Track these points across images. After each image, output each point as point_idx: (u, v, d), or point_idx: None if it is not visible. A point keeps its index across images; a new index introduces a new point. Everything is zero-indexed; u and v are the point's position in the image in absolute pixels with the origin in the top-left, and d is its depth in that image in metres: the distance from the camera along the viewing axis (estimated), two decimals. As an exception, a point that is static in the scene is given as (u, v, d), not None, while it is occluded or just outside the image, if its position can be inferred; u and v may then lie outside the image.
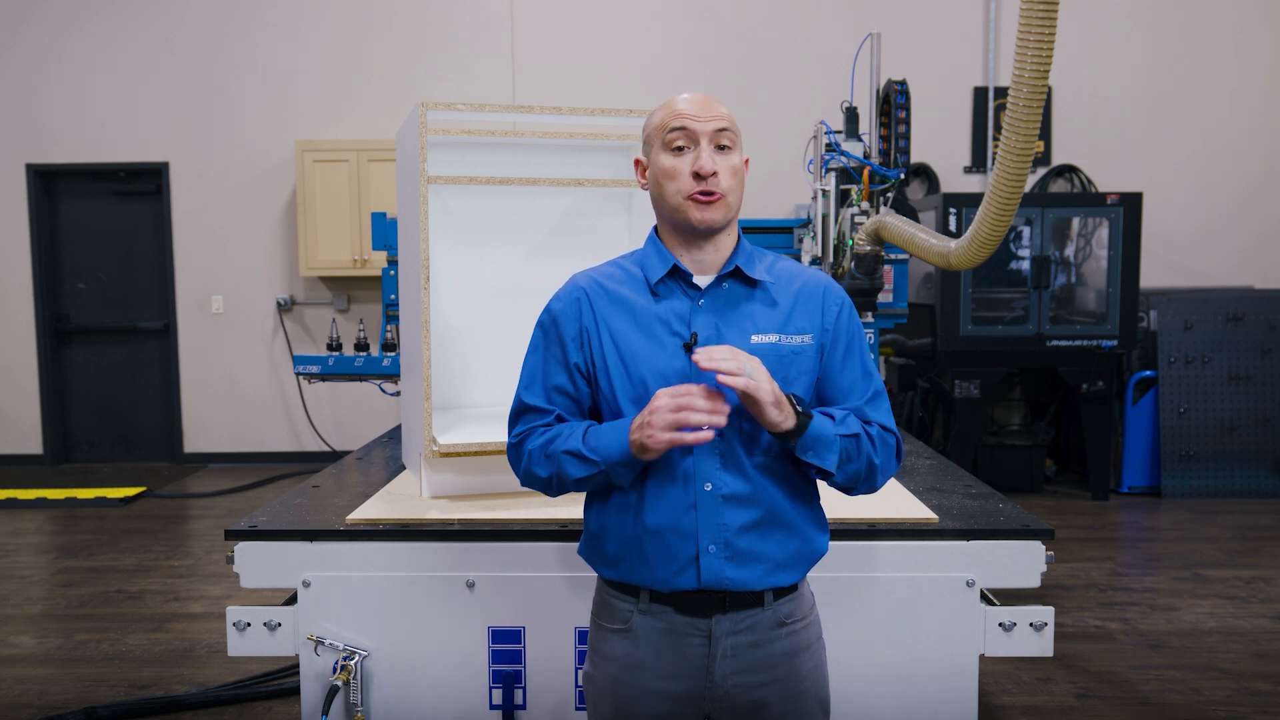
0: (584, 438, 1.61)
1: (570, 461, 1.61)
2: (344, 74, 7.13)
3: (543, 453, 1.65)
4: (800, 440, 1.56)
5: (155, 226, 7.38)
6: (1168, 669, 3.58)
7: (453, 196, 2.87)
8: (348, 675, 2.16)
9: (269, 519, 2.32)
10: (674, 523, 1.61)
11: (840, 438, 1.60)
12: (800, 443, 1.57)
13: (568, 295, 1.71)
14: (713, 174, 1.60)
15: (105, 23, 7.13)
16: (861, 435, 1.63)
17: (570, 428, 1.65)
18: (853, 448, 1.62)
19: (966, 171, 7.14)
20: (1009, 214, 2.60)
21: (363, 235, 6.77)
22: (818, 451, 1.58)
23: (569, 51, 7.10)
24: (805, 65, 6.99)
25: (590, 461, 1.59)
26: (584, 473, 1.61)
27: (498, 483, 2.48)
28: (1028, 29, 2.22)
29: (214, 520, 5.78)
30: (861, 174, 3.68)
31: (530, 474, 1.69)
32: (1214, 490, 6.19)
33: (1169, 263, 7.03)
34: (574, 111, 2.62)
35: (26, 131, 7.21)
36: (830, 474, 1.61)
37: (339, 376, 4.26)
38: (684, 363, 1.62)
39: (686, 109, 1.63)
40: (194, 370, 7.38)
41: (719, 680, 1.64)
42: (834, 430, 1.59)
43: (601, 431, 1.60)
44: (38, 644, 3.89)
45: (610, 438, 1.58)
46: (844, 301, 1.72)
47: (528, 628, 2.22)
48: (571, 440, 1.62)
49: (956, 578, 2.18)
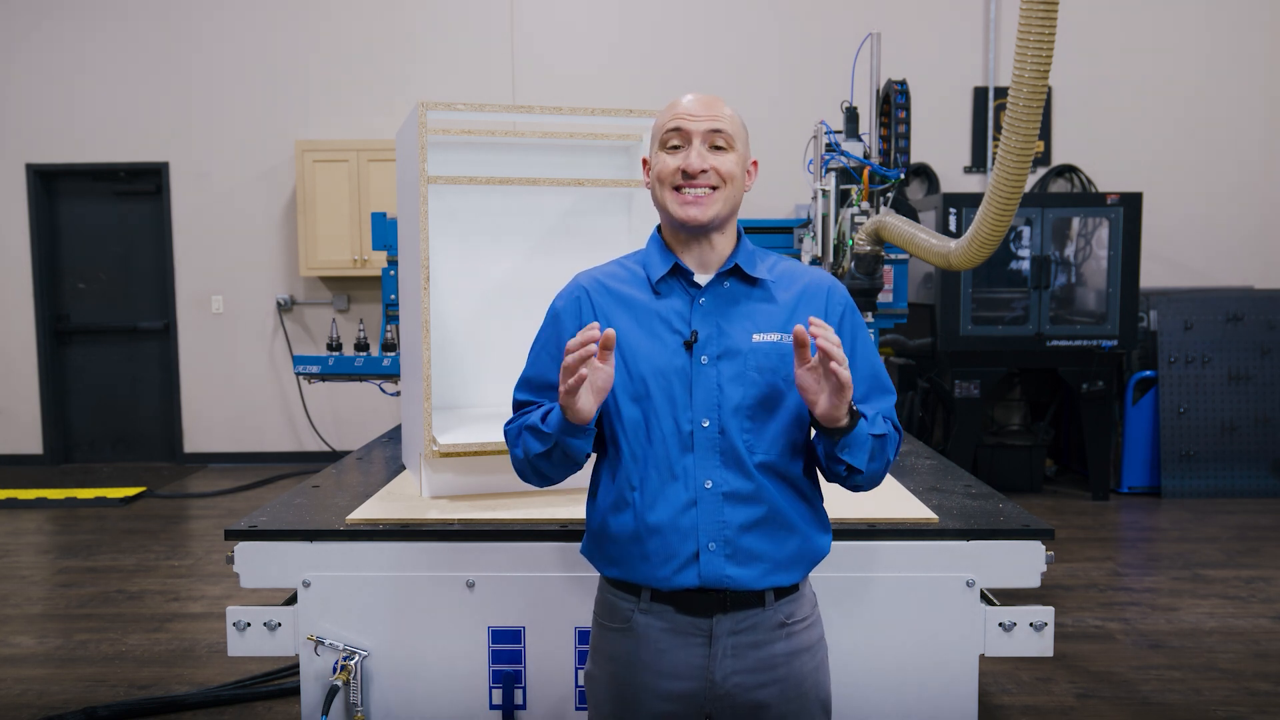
0: (543, 416, 1.63)
1: (530, 437, 1.64)
2: (344, 74, 7.13)
3: (515, 433, 1.69)
4: (845, 438, 1.57)
5: (155, 226, 7.37)
6: (1168, 669, 3.58)
7: (453, 196, 2.87)
8: (348, 675, 2.16)
9: (269, 519, 2.32)
10: (674, 521, 1.61)
11: (871, 437, 1.61)
12: (844, 440, 1.57)
13: (569, 294, 1.73)
14: (700, 171, 1.60)
15: (105, 23, 7.13)
16: (888, 436, 1.65)
17: (540, 409, 1.67)
18: (878, 448, 1.63)
19: (966, 171, 7.14)
20: (1009, 214, 2.60)
21: (363, 235, 6.77)
22: (853, 450, 1.59)
23: (569, 51, 7.10)
24: (805, 65, 6.99)
25: (544, 435, 1.61)
26: (541, 447, 1.63)
27: (498, 483, 2.48)
28: (1028, 29, 2.22)
29: (214, 520, 5.78)
30: (861, 174, 3.68)
31: (514, 459, 1.72)
32: (1214, 490, 6.18)
33: (1169, 263, 7.03)
34: (574, 111, 2.62)
35: (26, 131, 7.21)
36: (859, 471, 1.61)
37: (339, 376, 4.26)
38: (683, 360, 1.62)
39: (685, 109, 1.64)
40: (194, 370, 7.38)
41: (719, 680, 1.64)
42: (867, 429, 1.60)
43: (558, 409, 1.62)
44: (38, 644, 3.89)
45: (559, 414, 1.59)
46: (847, 301, 1.72)
47: (528, 628, 2.21)
48: (532, 417, 1.65)
49: (956, 578, 2.18)
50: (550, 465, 1.66)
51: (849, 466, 1.60)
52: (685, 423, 1.61)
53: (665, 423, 1.62)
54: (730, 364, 1.62)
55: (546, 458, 1.64)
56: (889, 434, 1.65)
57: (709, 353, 1.63)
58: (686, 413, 1.62)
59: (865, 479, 1.64)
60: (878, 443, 1.62)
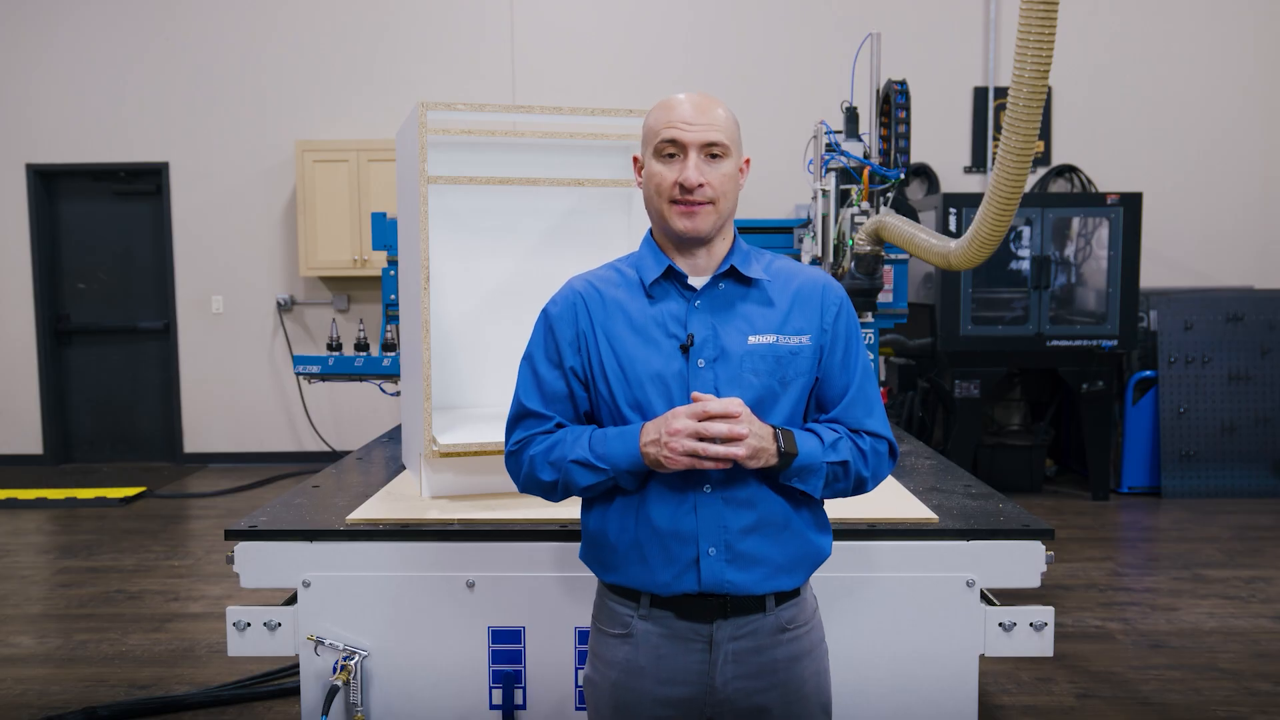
0: (590, 445, 1.60)
1: (578, 470, 1.61)
2: (344, 74, 7.13)
3: (545, 460, 1.64)
4: (784, 472, 1.58)
5: (155, 226, 7.37)
6: (1168, 669, 3.58)
7: (453, 196, 2.87)
8: (348, 675, 2.16)
9: (269, 519, 2.32)
10: (674, 525, 1.60)
11: (827, 464, 1.60)
12: (784, 474, 1.58)
13: (564, 300, 1.71)
14: (698, 185, 1.59)
15: (105, 23, 7.13)
16: (851, 460, 1.63)
17: (574, 434, 1.64)
18: (840, 471, 1.62)
19: (966, 171, 7.14)
20: (1009, 214, 2.60)
21: (363, 235, 6.77)
22: (803, 478, 1.60)
23: (569, 51, 7.10)
24: (805, 65, 6.99)
25: (599, 470, 1.59)
26: (592, 480, 1.60)
27: (498, 483, 2.48)
28: (1028, 29, 2.22)
29: (214, 520, 5.77)
30: (861, 174, 3.67)
31: (532, 480, 1.67)
32: (1214, 490, 6.18)
33: (1169, 263, 7.02)
34: (574, 111, 2.61)
35: (26, 131, 7.21)
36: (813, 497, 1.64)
37: (339, 376, 4.26)
38: (681, 364, 1.62)
39: (680, 117, 1.60)
40: (194, 370, 7.38)
41: (720, 686, 1.63)
42: (821, 457, 1.59)
43: (608, 439, 1.59)
44: (38, 644, 3.89)
45: (618, 446, 1.57)
46: (843, 300, 1.71)
47: (528, 628, 2.21)
48: (578, 449, 1.61)
49: (956, 578, 2.18)
50: (589, 491, 1.64)
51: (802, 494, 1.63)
52: (684, 426, 1.61)
53: (664, 427, 1.61)
54: (726, 367, 1.61)
55: (594, 489, 1.63)
56: (860, 456, 1.64)
57: (705, 356, 1.62)
58: (684, 417, 1.61)
59: (828, 498, 1.67)
60: (838, 469, 1.61)
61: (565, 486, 1.64)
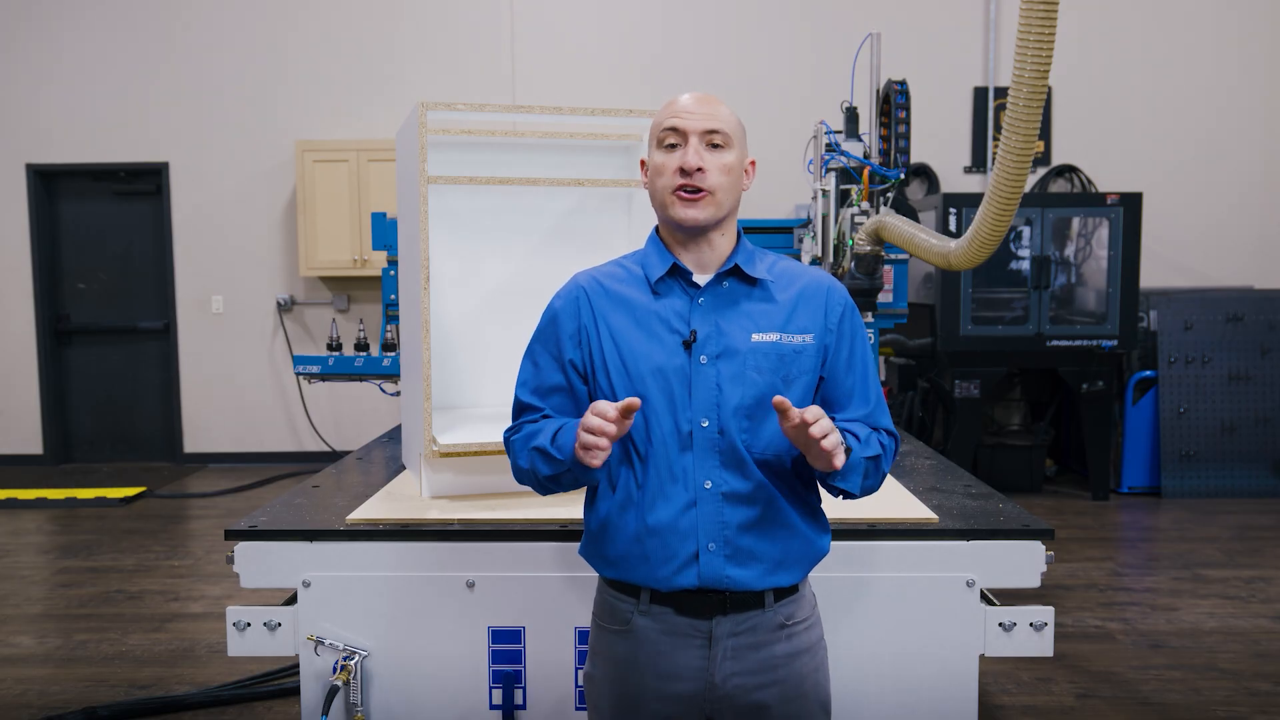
0: (553, 437, 1.62)
1: (539, 458, 1.63)
2: (344, 74, 7.13)
3: (524, 446, 1.68)
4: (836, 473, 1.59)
5: (155, 226, 7.37)
6: (1168, 669, 3.58)
7: (453, 196, 2.87)
8: (348, 675, 2.16)
9: (269, 519, 2.32)
10: (673, 521, 1.61)
11: (864, 460, 1.62)
12: (836, 472, 1.58)
13: (567, 293, 1.72)
14: (697, 170, 1.60)
15: (105, 23, 7.13)
16: (882, 455, 1.65)
17: (550, 424, 1.66)
18: (873, 467, 1.64)
19: (966, 171, 7.14)
20: (1009, 214, 2.60)
21: (363, 235, 6.77)
22: (846, 477, 1.60)
23: (569, 51, 7.10)
24: (805, 65, 6.99)
25: (556, 460, 1.61)
26: (552, 470, 1.62)
27: (498, 483, 2.48)
28: (1028, 29, 2.22)
29: (214, 520, 5.78)
30: (861, 174, 3.67)
31: (515, 467, 1.72)
32: (1214, 490, 6.18)
33: (1169, 263, 7.02)
34: (574, 111, 2.61)
35: (26, 131, 7.21)
36: (853, 494, 1.63)
37: (339, 376, 4.26)
38: (682, 359, 1.62)
39: (681, 107, 1.63)
40: (194, 370, 7.38)
41: (719, 682, 1.64)
42: (859, 454, 1.61)
43: (567, 429, 1.61)
44: (38, 644, 3.89)
45: (569, 437, 1.59)
46: (846, 302, 1.72)
47: (528, 628, 2.21)
48: (542, 437, 1.64)
49: (956, 578, 2.18)
50: (560, 485, 1.66)
51: (843, 492, 1.63)
52: (684, 423, 1.61)
53: (664, 423, 1.62)
54: (729, 364, 1.62)
55: (556, 481, 1.65)
56: (883, 451, 1.66)
57: (708, 352, 1.62)
58: (686, 413, 1.61)
59: (857, 497, 1.67)
60: (871, 463, 1.63)
61: (534, 475, 1.67)
